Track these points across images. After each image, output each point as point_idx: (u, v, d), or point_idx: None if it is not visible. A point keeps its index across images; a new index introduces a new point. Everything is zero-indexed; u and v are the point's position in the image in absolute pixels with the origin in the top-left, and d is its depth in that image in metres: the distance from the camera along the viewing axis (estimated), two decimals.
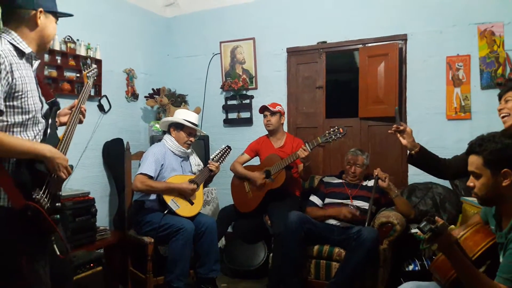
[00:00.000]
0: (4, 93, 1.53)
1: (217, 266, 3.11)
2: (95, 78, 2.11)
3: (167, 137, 3.28)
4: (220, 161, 3.34)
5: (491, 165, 1.60)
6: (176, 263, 2.88)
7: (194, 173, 3.32)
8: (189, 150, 3.32)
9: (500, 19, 3.36)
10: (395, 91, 3.65)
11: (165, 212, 3.03)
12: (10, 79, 1.54)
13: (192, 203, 3.16)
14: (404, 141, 2.28)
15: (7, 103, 1.55)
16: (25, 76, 1.62)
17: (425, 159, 2.28)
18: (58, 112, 1.86)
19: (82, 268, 2.63)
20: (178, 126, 3.24)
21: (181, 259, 2.89)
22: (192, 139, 3.26)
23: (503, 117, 2.09)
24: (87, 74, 2.03)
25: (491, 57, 3.38)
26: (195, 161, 3.42)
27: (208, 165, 3.27)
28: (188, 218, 3.06)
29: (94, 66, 2.11)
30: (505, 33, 3.34)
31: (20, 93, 1.58)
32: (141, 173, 3.08)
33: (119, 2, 4.14)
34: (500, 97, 2.18)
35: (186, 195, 3.13)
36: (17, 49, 1.62)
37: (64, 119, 1.90)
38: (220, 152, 3.37)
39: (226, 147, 3.41)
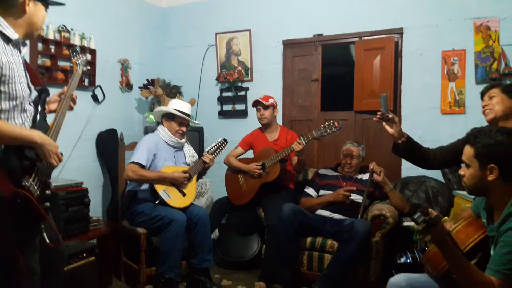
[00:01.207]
0: None
1: (210, 256, 3.11)
2: (86, 66, 2.08)
3: (160, 127, 3.28)
4: (215, 154, 3.33)
5: (480, 158, 1.63)
6: (168, 254, 2.89)
7: (188, 164, 3.30)
8: (182, 140, 3.31)
9: (496, 14, 3.36)
10: (390, 84, 3.65)
11: (156, 202, 3.02)
12: None
13: (184, 194, 3.14)
14: (391, 130, 2.22)
15: None
16: (13, 62, 1.59)
17: (411, 149, 2.26)
18: (47, 99, 1.84)
19: (75, 258, 2.61)
20: (170, 116, 3.23)
21: (173, 250, 2.89)
22: (183, 128, 3.25)
23: (485, 111, 2.20)
24: (77, 62, 2.02)
25: (486, 52, 3.39)
26: (189, 152, 3.40)
27: (202, 157, 3.26)
28: (180, 209, 3.05)
29: (84, 54, 2.09)
30: (500, 28, 3.34)
31: (7, 78, 1.56)
32: (133, 162, 3.07)
33: None
34: (482, 94, 2.28)
35: (179, 184, 3.12)
36: (3, 34, 1.60)
37: (53, 106, 1.88)
38: (216, 145, 3.34)
39: (222, 140, 3.39)
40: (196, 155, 3.44)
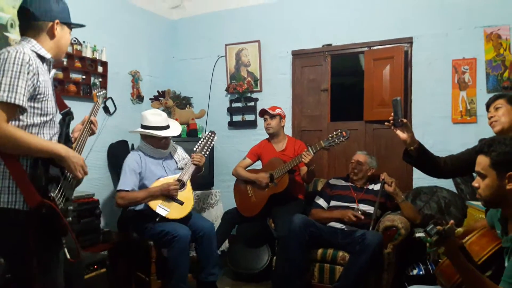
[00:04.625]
0: (29, 93, 1.58)
1: (216, 270, 3.09)
2: (105, 98, 2.22)
3: (141, 143, 3.19)
4: (204, 150, 3.17)
5: (497, 167, 1.58)
6: (174, 270, 2.87)
7: (181, 169, 3.20)
8: (168, 149, 3.21)
9: (506, 22, 3.34)
10: (400, 94, 3.63)
11: (157, 219, 2.96)
12: (35, 81, 1.60)
13: (182, 203, 3.03)
14: (404, 136, 2.15)
15: (29, 104, 1.61)
16: (47, 80, 1.69)
17: (422, 156, 2.20)
18: (72, 130, 1.94)
19: (86, 269, 2.64)
20: (149, 135, 3.12)
21: (178, 266, 2.87)
22: (167, 141, 3.15)
23: (492, 123, 2.19)
24: (97, 94, 2.17)
25: (497, 61, 3.36)
26: (179, 156, 3.29)
27: (191, 160, 3.12)
28: (182, 219, 2.98)
29: (103, 89, 2.26)
30: (511, 36, 3.32)
31: (42, 96, 1.65)
32: (119, 190, 2.99)
33: (125, 4, 4.16)
34: (488, 105, 2.26)
35: (171, 194, 3.00)
36: (38, 54, 1.68)
37: (76, 134, 1.96)
38: (203, 141, 3.20)
39: (210, 133, 3.23)
40: (188, 156, 3.28)
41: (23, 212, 1.59)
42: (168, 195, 2.99)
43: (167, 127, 3.15)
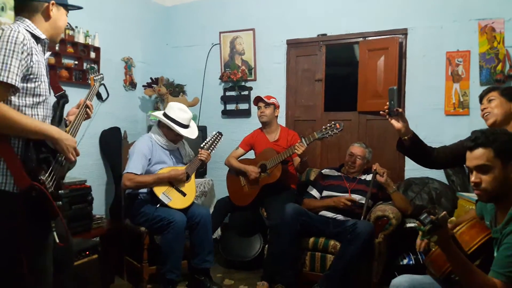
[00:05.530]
0: (22, 73, 1.57)
1: (210, 257, 3.10)
2: (102, 82, 2.19)
3: (155, 130, 3.20)
4: (211, 148, 3.26)
5: (503, 156, 1.58)
6: (168, 256, 2.89)
7: (185, 164, 3.28)
8: (178, 143, 3.27)
9: (501, 15, 3.35)
10: (394, 85, 3.63)
11: (157, 206, 2.99)
12: (29, 61, 1.59)
13: (184, 194, 3.10)
14: (398, 125, 2.13)
15: (22, 84, 1.59)
16: (40, 61, 1.67)
17: (416, 146, 2.20)
18: (67, 113, 1.92)
19: (78, 255, 2.62)
20: (169, 126, 3.12)
21: (172, 252, 2.89)
22: (181, 138, 3.21)
23: (485, 115, 2.21)
24: (94, 78, 2.13)
25: (491, 54, 3.38)
26: (185, 152, 3.36)
27: (198, 155, 3.20)
28: (181, 209, 3.03)
29: (101, 73, 2.23)
30: (505, 29, 3.33)
31: (35, 77, 1.63)
32: (127, 172, 3.00)
33: None
34: (481, 97, 2.28)
35: (177, 182, 3.08)
36: (32, 35, 1.66)
37: (72, 118, 1.94)
38: (210, 140, 3.28)
39: (217, 134, 3.32)
40: (192, 152, 3.38)
41: (12, 194, 1.58)
42: (175, 181, 3.06)
43: (187, 126, 3.18)
